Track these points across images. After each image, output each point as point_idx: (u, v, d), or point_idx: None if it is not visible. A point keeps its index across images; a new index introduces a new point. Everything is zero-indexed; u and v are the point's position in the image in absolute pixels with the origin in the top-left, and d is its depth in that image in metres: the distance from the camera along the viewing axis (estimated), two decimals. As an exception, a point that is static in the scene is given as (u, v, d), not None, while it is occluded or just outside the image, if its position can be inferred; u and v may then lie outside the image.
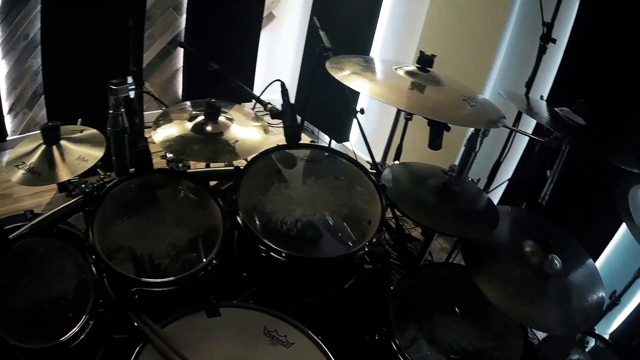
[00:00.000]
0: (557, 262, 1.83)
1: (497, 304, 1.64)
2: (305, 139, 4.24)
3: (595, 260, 3.00)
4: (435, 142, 1.99)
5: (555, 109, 2.23)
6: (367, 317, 1.82)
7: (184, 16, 3.83)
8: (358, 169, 1.83)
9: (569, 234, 2.08)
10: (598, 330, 3.11)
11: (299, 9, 4.32)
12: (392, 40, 3.80)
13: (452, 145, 2.17)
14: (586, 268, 1.95)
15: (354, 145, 4.18)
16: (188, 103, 2.06)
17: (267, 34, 4.30)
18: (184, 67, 3.99)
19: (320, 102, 2.75)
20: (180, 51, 3.94)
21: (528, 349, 1.81)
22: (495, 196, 3.23)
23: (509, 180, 2.78)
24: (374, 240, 1.63)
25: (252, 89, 4.00)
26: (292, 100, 1.90)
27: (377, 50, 3.82)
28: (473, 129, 2.05)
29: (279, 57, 4.53)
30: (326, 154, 1.91)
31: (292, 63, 4.55)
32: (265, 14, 4.13)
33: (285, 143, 1.85)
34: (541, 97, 2.65)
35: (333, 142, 4.18)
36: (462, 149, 2.15)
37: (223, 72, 2.32)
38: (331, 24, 3.88)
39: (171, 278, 1.51)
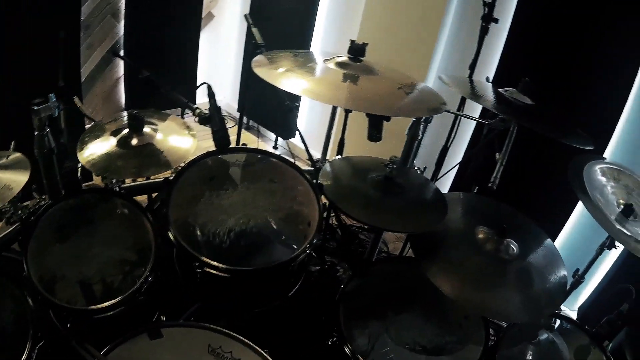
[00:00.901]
0: (514, 247, 1.78)
1: (452, 297, 1.58)
2: (252, 139, 4.25)
3: (554, 240, 3.03)
4: (373, 134, 1.92)
5: (500, 90, 2.19)
6: (319, 322, 1.76)
7: (122, 22, 3.71)
8: (293, 169, 1.75)
9: (525, 216, 2.05)
10: (566, 306, 3.15)
11: (237, 7, 4.25)
12: (332, 31, 3.75)
13: (400, 134, 2.09)
14: (545, 249, 1.92)
15: (300, 141, 4.10)
16: (121, 114, 1.97)
17: (208, 35, 4.20)
18: (125, 75, 3.87)
19: (263, 99, 2.66)
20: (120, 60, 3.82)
21: (492, 337, 1.79)
22: (447, 183, 3.19)
23: (457, 165, 2.73)
24: (314, 242, 1.57)
25: (194, 92, 3.92)
26: (235, 100, 1.81)
27: (318, 42, 3.76)
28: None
29: (220, 57, 4.42)
30: (259, 156, 1.83)
31: (234, 62, 4.47)
32: (204, 14, 4.05)
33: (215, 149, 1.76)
34: (487, 79, 2.62)
35: (279, 139, 4.12)
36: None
37: (154, 78, 2.23)
38: (270, 19, 3.85)
39: (106, 304, 1.44)
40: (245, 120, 4.43)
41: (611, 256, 2.87)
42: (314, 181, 1.72)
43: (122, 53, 3.76)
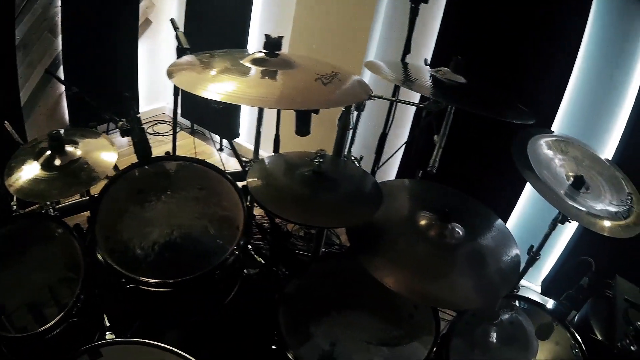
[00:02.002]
0: (459, 231, 1.74)
1: (396, 290, 1.51)
2: (199, 143, 4.20)
3: (507, 219, 3.03)
4: (301, 128, 1.91)
5: (432, 70, 2.16)
6: (260, 328, 1.72)
7: (60, 37, 3.64)
8: (217, 173, 1.72)
9: (473, 198, 2.03)
10: (531, 281, 3.16)
11: (174, 11, 4.19)
12: (269, 27, 3.71)
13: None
14: (496, 230, 1.89)
15: (246, 140, 4.11)
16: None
17: (146, 41, 4.12)
18: (66, 88, 3.80)
19: (204, 102, 2.61)
20: (60, 74, 3.74)
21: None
22: (392, 170, 3.18)
23: (396, 152, 2.71)
24: (241, 244, 1.55)
25: (136, 102, 3.87)
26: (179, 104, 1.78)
27: (255, 40, 3.74)
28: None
29: (161, 63, 4.32)
30: (183, 163, 1.79)
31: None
32: (141, 20, 3.96)
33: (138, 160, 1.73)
34: (425, 62, 2.59)
35: (224, 140, 4.09)
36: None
37: (82, 94, 2.21)
38: (206, 21, 3.85)
39: (40, 329, 1.44)
40: (189, 125, 4.42)
41: (570, 228, 2.90)
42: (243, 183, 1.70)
43: (61, 68, 3.69)
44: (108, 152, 1.80)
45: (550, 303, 3.01)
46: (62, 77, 3.70)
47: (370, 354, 1.61)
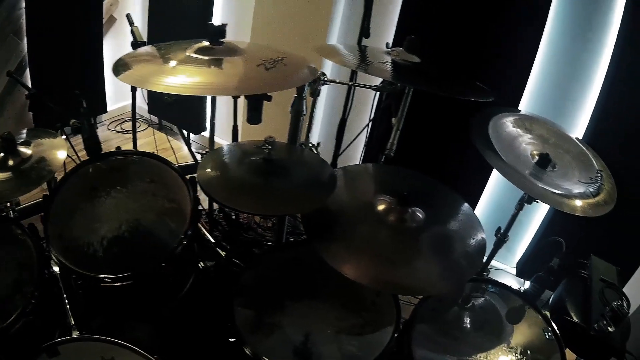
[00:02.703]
0: (419, 214, 1.71)
1: (354, 278, 1.47)
2: (165, 139, 4.18)
3: (477, 200, 3.05)
4: (253, 116, 1.92)
5: (386, 50, 2.16)
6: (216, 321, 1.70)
7: (25, 40, 3.62)
8: (167, 166, 1.72)
9: (437, 181, 2.00)
10: (505, 263, 3.16)
11: (138, 7, 4.17)
12: (230, 18, 3.70)
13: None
14: (461, 212, 1.88)
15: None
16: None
17: (112, 39, 4.10)
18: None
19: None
20: (27, 77, 3.72)
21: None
22: (358, 155, 3.17)
23: (363, 135, 2.70)
24: (188, 234, 1.55)
25: (104, 102, 3.87)
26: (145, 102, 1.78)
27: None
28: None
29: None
30: (133, 158, 1.79)
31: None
32: (105, 18, 3.94)
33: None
34: (387, 45, 2.59)
35: (191, 134, 4.07)
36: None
37: (39, 95, 2.21)
38: (169, 14, 3.85)
39: None
40: (157, 120, 4.41)
41: (544, 208, 2.94)
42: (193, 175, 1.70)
43: (27, 70, 3.68)
44: (60, 151, 1.80)
45: (526, 285, 3.07)
46: (29, 80, 3.69)
47: (338, 343, 1.59)
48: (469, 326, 1.77)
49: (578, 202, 1.82)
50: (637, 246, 2.64)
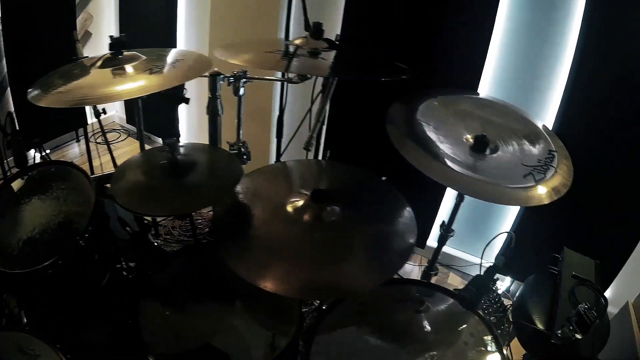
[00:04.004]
0: (336, 211, 1.63)
1: (266, 288, 1.38)
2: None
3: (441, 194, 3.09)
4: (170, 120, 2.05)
5: (289, 41, 2.15)
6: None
7: (4, 60, 3.80)
8: (80, 173, 1.84)
9: (377, 176, 1.91)
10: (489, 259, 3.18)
11: (112, 20, 4.30)
12: (192, 27, 3.85)
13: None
14: (395, 208, 1.75)
15: (185, 139, 4.16)
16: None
17: (88, 53, 4.24)
18: (15, 107, 3.95)
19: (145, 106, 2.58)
20: (9, 94, 3.90)
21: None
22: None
23: (294, 135, 2.63)
24: (85, 235, 1.66)
25: (84, 115, 4.03)
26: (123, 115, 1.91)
27: (182, 40, 3.87)
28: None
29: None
30: (53, 168, 1.93)
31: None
32: (80, 34, 4.08)
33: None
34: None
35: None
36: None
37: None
38: (138, 27, 4.01)
39: None
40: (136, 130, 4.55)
41: None
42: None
43: (8, 89, 3.85)
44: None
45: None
46: (11, 99, 3.87)
47: (237, 345, 1.60)
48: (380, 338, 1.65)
49: (519, 191, 1.68)
50: (620, 239, 2.62)
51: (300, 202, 1.65)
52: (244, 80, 2.16)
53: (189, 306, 1.73)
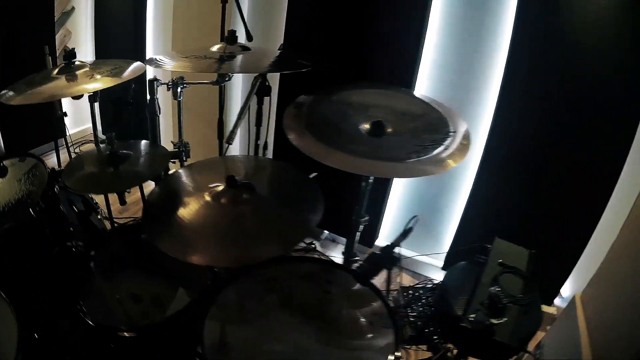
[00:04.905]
0: (249, 194, 1.83)
1: (189, 260, 1.57)
2: None
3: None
4: (114, 121, 2.41)
5: (216, 48, 2.35)
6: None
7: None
8: (38, 161, 2.21)
9: (300, 171, 2.02)
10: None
11: (89, 35, 4.57)
12: (157, 41, 4.14)
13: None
14: (309, 200, 1.86)
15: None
16: None
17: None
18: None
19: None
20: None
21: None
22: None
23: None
24: (40, 204, 2.03)
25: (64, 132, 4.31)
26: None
27: (150, 49, 4.15)
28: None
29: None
30: (18, 159, 2.28)
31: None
32: (59, 49, 4.35)
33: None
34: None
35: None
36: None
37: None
38: (112, 39, 4.34)
39: None
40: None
41: (463, 196, 3.08)
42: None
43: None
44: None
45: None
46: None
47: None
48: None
49: (402, 164, 1.78)
50: (574, 234, 2.72)
51: (220, 188, 1.85)
52: (182, 85, 2.51)
53: (122, 276, 2.06)
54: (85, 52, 4.59)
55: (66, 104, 4.35)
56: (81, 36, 4.61)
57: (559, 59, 2.46)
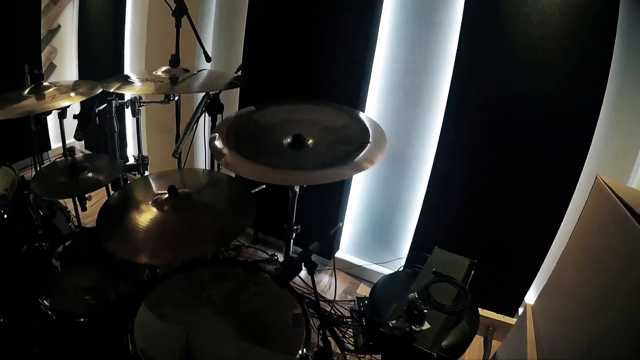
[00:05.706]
0: (188, 200, 2.06)
1: (137, 260, 1.84)
2: None
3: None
4: (78, 135, 2.68)
5: (159, 71, 2.62)
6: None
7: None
8: (10, 169, 2.54)
9: (244, 186, 2.18)
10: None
11: (73, 53, 4.76)
12: (135, 60, 4.36)
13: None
14: (244, 208, 2.06)
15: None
16: None
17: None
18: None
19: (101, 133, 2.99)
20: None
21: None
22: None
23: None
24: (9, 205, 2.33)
25: (47, 140, 4.61)
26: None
27: (128, 66, 4.39)
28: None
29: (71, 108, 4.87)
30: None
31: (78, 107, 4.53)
32: (45, 66, 4.49)
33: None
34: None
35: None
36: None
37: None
38: (95, 57, 4.53)
39: None
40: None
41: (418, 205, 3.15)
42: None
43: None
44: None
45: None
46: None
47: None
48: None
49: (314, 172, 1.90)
50: (533, 245, 2.75)
51: (164, 197, 2.08)
52: (138, 103, 2.82)
53: (78, 271, 2.26)
54: (71, 68, 4.79)
55: (51, 121, 4.67)
56: (66, 53, 4.81)
57: (503, 73, 2.55)
